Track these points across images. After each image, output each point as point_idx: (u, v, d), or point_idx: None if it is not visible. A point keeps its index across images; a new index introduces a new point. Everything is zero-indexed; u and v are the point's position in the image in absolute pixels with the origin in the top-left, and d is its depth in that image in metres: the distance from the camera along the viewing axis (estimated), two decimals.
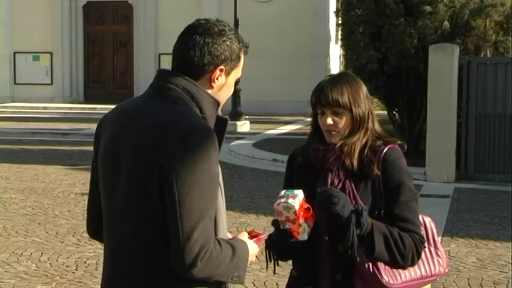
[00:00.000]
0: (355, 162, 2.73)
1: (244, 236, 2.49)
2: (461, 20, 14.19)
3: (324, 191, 2.65)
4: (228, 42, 2.40)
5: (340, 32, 17.74)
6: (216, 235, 2.30)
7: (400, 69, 14.33)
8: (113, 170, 2.36)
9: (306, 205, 2.66)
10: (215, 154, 2.27)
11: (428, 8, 13.91)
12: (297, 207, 2.62)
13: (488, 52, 14.85)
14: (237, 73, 2.47)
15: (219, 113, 2.43)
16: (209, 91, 2.39)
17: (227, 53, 2.40)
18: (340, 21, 16.77)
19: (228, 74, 2.42)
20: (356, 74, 11.68)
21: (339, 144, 2.76)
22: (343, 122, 2.74)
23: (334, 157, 2.75)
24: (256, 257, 2.54)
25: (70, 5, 26.92)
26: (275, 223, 2.75)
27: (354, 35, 15.13)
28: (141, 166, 2.27)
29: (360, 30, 15.04)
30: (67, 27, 26.95)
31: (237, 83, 2.58)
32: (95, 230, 2.56)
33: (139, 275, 2.32)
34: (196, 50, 2.37)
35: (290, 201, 2.63)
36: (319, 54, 24.32)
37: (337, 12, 17.26)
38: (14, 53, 27.25)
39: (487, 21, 14.46)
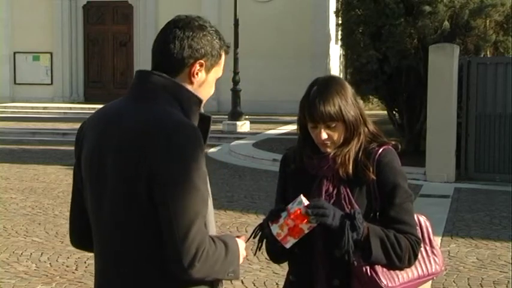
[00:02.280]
0: (349, 171, 2.71)
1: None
2: (461, 20, 14.19)
3: (313, 205, 2.61)
4: (208, 37, 2.39)
5: (340, 32, 17.74)
6: None
7: (400, 69, 14.34)
8: (99, 174, 2.33)
9: (300, 225, 2.58)
10: (202, 152, 2.25)
11: (428, 8, 13.91)
12: (300, 210, 2.57)
13: (488, 52, 14.85)
14: (217, 71, 2.44)
15: (202, 110, 2.40)
16: (189, 87, 2.37)
17: (208, 47, 2.38)
18: (340, 21, 16.77)
19: (208, 70, 2.40)
20: (356, 74, 11.69)
21: (332, 154, 2.74)
22: (337, 133, 2.72)
23: (329, 165, 2.74)
24: (257, 257, 2.51)
25: (70, 5, 26.92)
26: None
27: (354, 35, 15.13)
28: (127, 168, 2.25)
29: (360, 30, 15.04)
30: (67, 27, 26.95)
31: (236, 82, 2.56)
32: (79, 239, 2.54)
33: (131, 278, 2.31)
34: (176, 42, 2.35)
35: (304, 200, 2.60)
36: (319, 54, 24.31)
37: (337, 12, 17.26)
38: (14, 53, 27.24)
39: (487, 21, 14.46)
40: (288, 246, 2.62)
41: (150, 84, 2.34)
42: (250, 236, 2.78)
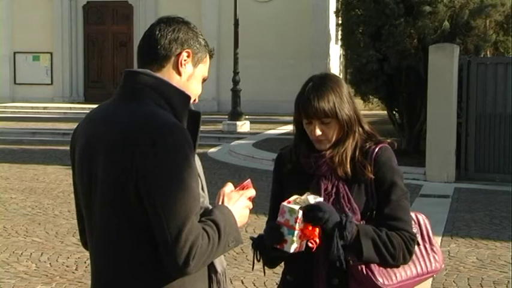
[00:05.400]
0: (348, 171, 2.72)
1: (229, 189, 2.44)
2: (461, 20, 14.19)
3: (312, 208, 2.60)
4: (194, 31, 2.41)
5: (340, 32, 17.74)
6: None
7: (400, 69, 14.33)
8: (90, 179, 2.33)
9: (310, 228, 2.58)
10: (190, 150, 2.23)
11: (428, 8, 13.91)
12: (300, 215, 2.57)
13: (488, 52, 14.85)
14: (203, 69, 2.44)
15: (191, 107, 2.38)
16: (178, 79, 2.36)
17: (193, 41, 2.39)
18: (340, 21, 16.78)
19: (195, 64, 2.40)
20: (356, 74, 11.69)
21: (329, 154, 2.74)
22: (331, 130, 2.73)
23: (326, 164, 2.75)
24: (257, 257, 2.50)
25: (70, 5, 26.92)
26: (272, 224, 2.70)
27: (354, 35, 15.13)
28: (115, 173, 2.23)
29: (360, 30, 15.04)
30: (67, 27, 26.94)
31: (236, 82, 2.55)
32: (85, 240, 2.53)
33: (129, 279, 2.30)
34: (163, 33, 2.36)
35: (297, 207, 2.58)
36: (319, 54, 24.31)
37: (337, 12, 17.26)
38: (14, 53, 27.24)
39: (487, 21, 14.46)
40: (303, 248, 2.62)
41: (137, 84, 2.33)
42: (254, 262, 2.80)
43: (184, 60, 2.37)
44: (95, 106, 2.58)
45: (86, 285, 6.31)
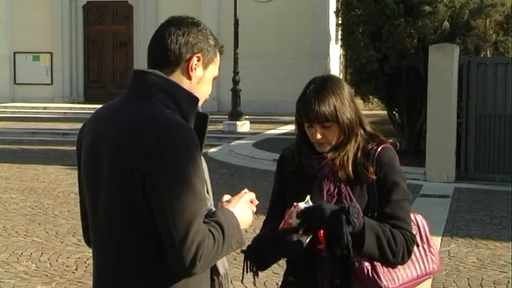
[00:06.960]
0: (350, 173, 2.72)
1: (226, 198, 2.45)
2: (461, 20, 14.19)
3: (303, 212, 2.63)
4: (203, 33, 2.40)
5: (340, 32, 17.74)
6: None
7: (400, 69, 14.33)
8: (95, 179, 2.32)
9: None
10: (197, 151, 2.22)
11: (428, 8, 13.90)
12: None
13: (488, 52, 14.85)
14: (214, 69, 2.44)
15: (199, 109, 2.38)
16: (188, 83, 2.35)
17: (203, 43, 2.38)
18: (340, 21, 16.77)
19: (205, 66, 2.39)
20: (356, 74, 11.66)
21: (330, 156, 2.74)
22: (332, 133, 2.73)
23: (328, 166, 2.75)
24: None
25: (70, 5, 26.92)
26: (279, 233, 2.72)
27: (354, 35, 15.12)
28: (121, 172, 2.23)
29: (360, 30, 15.04)
30: (67, 27, 26.94)
31: (236, 82, 2.55)
32: (89, 239, 2.53)
33: (131, 283, 2.29)
34: (172, 38, 2.34)
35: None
36: (319, 54, 24.31)
37: (337, 12, 17.26)
38: (14, 53, 27.24)
39: (487, 21, 14.46)
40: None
41: (145, 84, 2.32)
42: (244, 273, 2.85)
43: (195, 65, 2.36)
44: (94, 106, 2.58)
45: (86, 285, 6.31)
